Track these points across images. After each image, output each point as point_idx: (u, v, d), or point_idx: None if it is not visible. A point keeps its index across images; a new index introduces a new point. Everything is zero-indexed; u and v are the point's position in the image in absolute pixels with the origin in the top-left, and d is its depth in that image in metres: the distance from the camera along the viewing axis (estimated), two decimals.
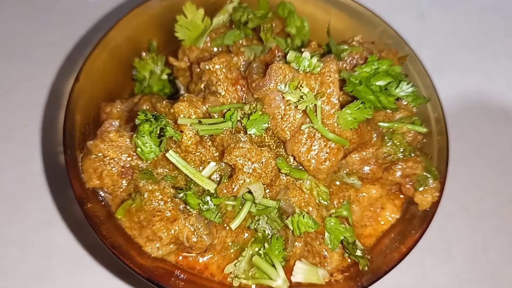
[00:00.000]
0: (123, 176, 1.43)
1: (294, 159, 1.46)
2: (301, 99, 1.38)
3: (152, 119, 1.36)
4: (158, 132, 1.37)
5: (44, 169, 1.86)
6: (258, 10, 1.70)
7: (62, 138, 1.46)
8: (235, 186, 1.40)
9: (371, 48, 1.65)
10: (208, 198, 1.40)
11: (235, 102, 1.51)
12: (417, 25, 2.38)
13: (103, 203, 1.46)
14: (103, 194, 1.47)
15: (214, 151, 1.49)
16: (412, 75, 1.68)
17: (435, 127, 1.58)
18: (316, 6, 1.83)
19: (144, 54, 1.74)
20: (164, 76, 1.74)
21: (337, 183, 1.50)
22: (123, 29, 1.67)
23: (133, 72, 1.75)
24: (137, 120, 1.36)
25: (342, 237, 1.41)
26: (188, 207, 1.40)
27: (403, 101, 1.52)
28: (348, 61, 1.60)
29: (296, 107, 1.39)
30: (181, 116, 1.41)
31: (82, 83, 1.55)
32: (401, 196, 1.55)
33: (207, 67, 1.52)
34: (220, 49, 1.65)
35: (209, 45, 1.64)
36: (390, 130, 1.48)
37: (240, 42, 1.62)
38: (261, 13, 1.69)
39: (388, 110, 1.50)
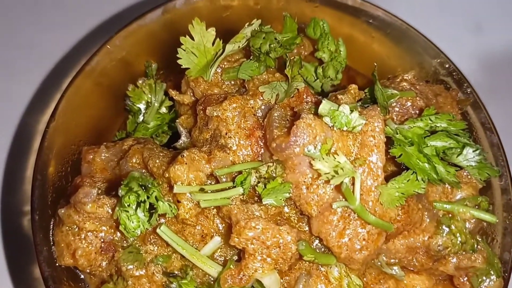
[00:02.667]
0: (102, 253, 1.14)
1: (320, 240, 1.15)
2: (335, 173, 1.05)
3: (140, 191, 1.05)
4: (147, 206, 1.06)
5: (2, 235, 1.46)
6: (283, 33, 1.35)
7: (29, 195, 1.17)
8: (243, 276, 1.10)
9: (426, 91, 1.30)
10: None
11: (249, 160, 1.18)
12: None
13: (79, 283, 1.17)
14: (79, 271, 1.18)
15: (220, 223, 1.18)
16: (474, 127, 1.34)
17: (501, 199, 1.25)
18: (354, 27, 1.47)
19: (140, 81, 1.41)
20: (164, 110, 1.42)
21: (373, 273, 1.18)
22: (113, 50, 1.34)
23: (126, 101, 1.43)
24: (120, 191, 1.05)
25: None
26: None
27: (465, 171, 1.18)
28: (397, 109, 1.26)
29: (327, 181, 1.07)
30: (179, 183, 1.10)
31: (59, 122, 1.24)
32: None
33: (215, 114, 1.19)
34: (233, 83, 1.31)
35: (220, 78, 1.30)
36: (449, 214, 1.15)
37: (259, 77, 1.28)
38: (287, 37, 1.34)
39: (446, 185, 1.16)
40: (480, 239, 1.18)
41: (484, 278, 1.15)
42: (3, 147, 1.59)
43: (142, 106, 1.41)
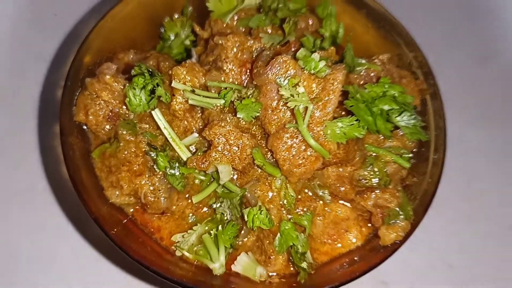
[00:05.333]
0: (108, 120, 1.48)
1: (272, 155, 1.44)
2: (293, 97, 1.36)
3: (146, 74, 1.39)
4: (150, 88, 1.40)
5: (39, 103, 1.89)
6: (292, 2, 1.68)
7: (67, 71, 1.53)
8: (205, 161, 1.40)
9: (392, 71, 1.58)
10: (177, 164, 1.42)
11: (235, 83, 1.50)
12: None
13: (85, 140, 1.52)
14: (88, 133, 1.53)
15: (201, 124, 1.50)
16: (428, 112, 1.59)
17: (430, 169, 1.50)
18: (354, 20, 1.77)
19: (176, 16, 1.78)
20: (187, 42, 1.77)
21: (309, 193, 1.46)
22: None
23: (161, 30, 1.79)
24: (133, 71, 1.40)
25: (291, 244, 1.38)
26: (155, 167, 1.42)
27: (401, 131, 1.45)
28: (363, 76, 1.55)
29: (286, 103, 1.37)
30: (176, 80, 1.43)
31: (105, 25, 1.61)
32: (370, 225, 1.49)
33: (220, 42, 1.52)
34: (244, 30, 1.65)
35: (235, 23, 1.65)
36: (374, 155, 1.42)
37: (265, 28, 1.61)
38: (294, 6, 1.67)
39: (380, 136, 1.44)
40: (400, 189, 1.43)
41: (394, 219, 1.40)
42: (58, 39, 2.04)
43: (172, 35, 1.77)
